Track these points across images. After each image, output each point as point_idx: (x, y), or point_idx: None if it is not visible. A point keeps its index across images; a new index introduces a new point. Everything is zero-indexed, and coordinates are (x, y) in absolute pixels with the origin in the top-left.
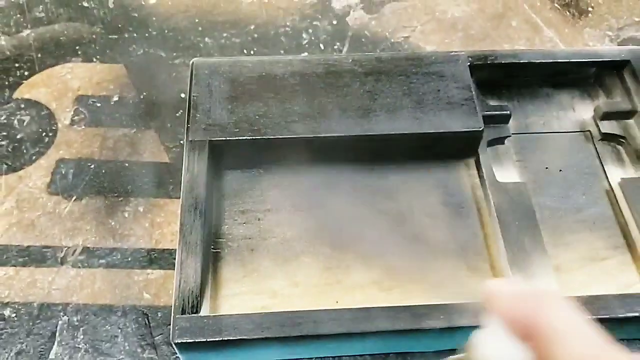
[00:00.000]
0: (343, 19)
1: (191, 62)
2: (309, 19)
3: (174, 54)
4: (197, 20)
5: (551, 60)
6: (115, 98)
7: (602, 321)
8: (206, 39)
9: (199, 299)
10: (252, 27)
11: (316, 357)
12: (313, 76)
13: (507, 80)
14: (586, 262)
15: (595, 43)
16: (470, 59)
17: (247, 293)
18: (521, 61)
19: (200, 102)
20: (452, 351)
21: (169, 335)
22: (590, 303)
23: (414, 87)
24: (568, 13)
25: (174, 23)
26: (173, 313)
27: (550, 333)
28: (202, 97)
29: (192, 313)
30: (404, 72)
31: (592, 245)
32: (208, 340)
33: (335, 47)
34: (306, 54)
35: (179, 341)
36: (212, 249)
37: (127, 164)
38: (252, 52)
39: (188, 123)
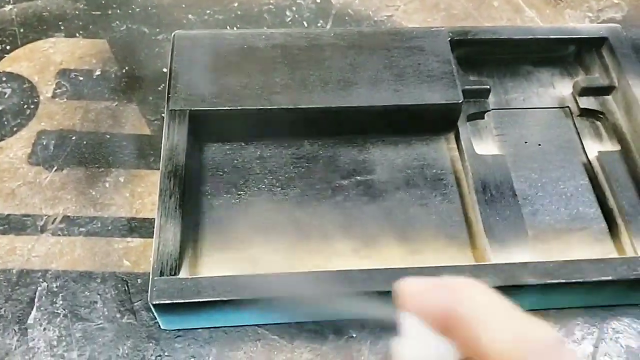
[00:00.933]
0: None
1: (172, 34)
2: None
3: (157, 29)
4: None
5: (531, 37)
6: (98, 72)
7: (576, 285)
8: (189, 15)
9: (177, 262)
10: (236, 4)
11: (295, 322)
12: (295, 49)
13: (488, 58)
14: (563, 232)
15: (575, 24)
16: (450, 34)
17: (227, 260)
18: (501, 37)
19: (181, 73)
20: None
21: (148, 300)
22: (565, 267)
23: (395, 61)
24: None
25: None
26: (151, 275)
27: (472, 321)
28: (183, 68)
29: (171, 275)
30: (385, 46)
31: (570, 216)
32: (186, 301)
33: (319, 24)
34: None
35: (157, 302)
36: (193, 217)
37: (108, 136)
38: (235, 29)
39: (168, 93)
